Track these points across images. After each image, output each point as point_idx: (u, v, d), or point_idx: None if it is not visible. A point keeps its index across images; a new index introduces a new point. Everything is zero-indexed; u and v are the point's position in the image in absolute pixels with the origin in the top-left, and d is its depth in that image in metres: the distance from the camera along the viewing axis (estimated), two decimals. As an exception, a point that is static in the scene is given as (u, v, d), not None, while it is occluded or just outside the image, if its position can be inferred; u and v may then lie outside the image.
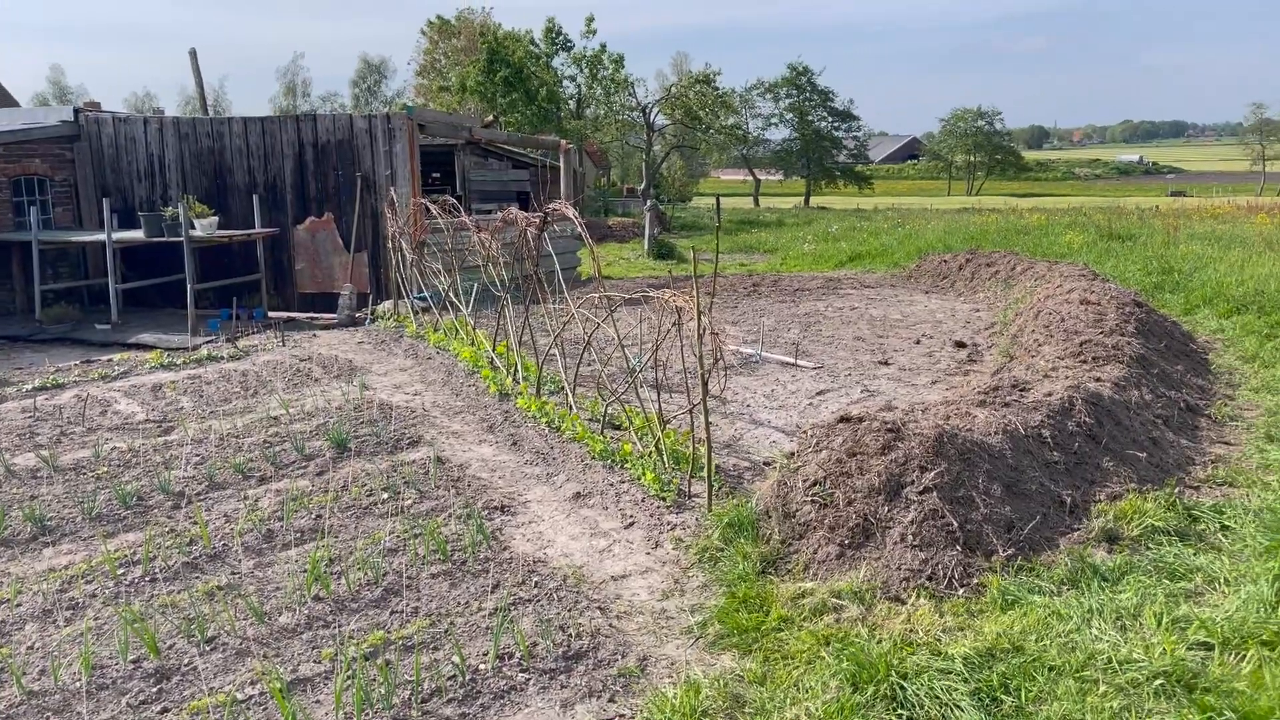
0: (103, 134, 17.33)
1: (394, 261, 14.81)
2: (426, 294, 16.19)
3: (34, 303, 15.60)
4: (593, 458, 7.66)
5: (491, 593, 5.49)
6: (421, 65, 63.04)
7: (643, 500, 6.80)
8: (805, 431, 6.44)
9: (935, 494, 5.48)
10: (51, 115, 17.91)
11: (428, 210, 14.41)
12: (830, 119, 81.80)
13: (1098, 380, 7.46)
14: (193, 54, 20.97)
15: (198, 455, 7.94)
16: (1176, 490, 6.33)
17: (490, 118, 19.95)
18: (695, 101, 39.73)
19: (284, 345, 12.71)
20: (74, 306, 16.10)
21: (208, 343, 13.53)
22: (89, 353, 13.53)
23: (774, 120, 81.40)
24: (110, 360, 12.03)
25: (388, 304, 15.56)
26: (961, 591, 5.07)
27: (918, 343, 12.24)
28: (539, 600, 5.38)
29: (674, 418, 7.84)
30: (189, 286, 14.84)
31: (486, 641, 4.88)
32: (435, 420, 9.04)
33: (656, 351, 7.43)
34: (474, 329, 11.78)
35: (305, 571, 5.67)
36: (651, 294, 7.20)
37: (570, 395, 8.79)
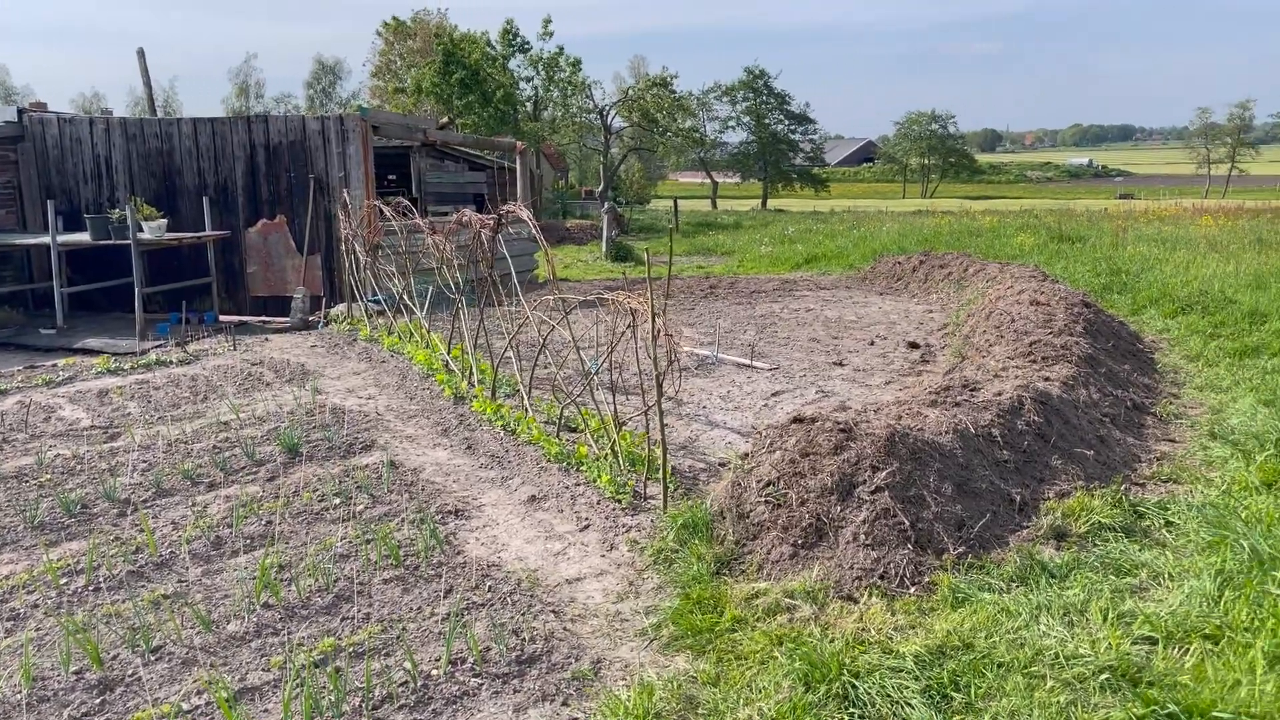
0: (47, 135, 17.01)
1: (347, 264, 14.68)
2: (381, 297, 16.07)
3: (-23, 307, 15.28)
4: (548, 460, 7.63)
5: (445, 598, 5.45)
6: (376, 67, 62.52)
7: (598, 503, 6.78)
8: (759, 432, 6.46)
9: (887, 493, 5.52)
10: (-7, 116, 17.53)
11: (381, 212, 14.31)
12: (787, 122, 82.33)
13: (1047, 379, 7.56)
14: (140, 54, 20.66)
15: (144, 462, 7.80)
16: (1123, 488, 6.43)
17: (445, 119, 19.83)
18: (652, 104, 39.77)
19: (235, 349, 12.54)
20: (17, 311, 15.80)
21: (156, 347, 13.31)
22: (33, 358, 13.26)
23: (731, 123, 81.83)
24: (55, 365, 11.80)
25: (341, 307, 15.41)
26: (913, 590, 5.11)
27: (872, 344, 12.34)
28: (493, 604, 5.35)
29: (630, 420, 7.83)
30: (137, 290, 14.59)
31: (439, 647, 4.84)
32: (389, 424, 8.96)
33: (611, 354, 7.41)
34: (429, 332, 11.70)
35: (255, 579, 5.59)
36: (606, 296, 7.18)
37: (526, 398, 8.75)
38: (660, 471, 7.00)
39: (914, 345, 12.07)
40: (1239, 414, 8.14)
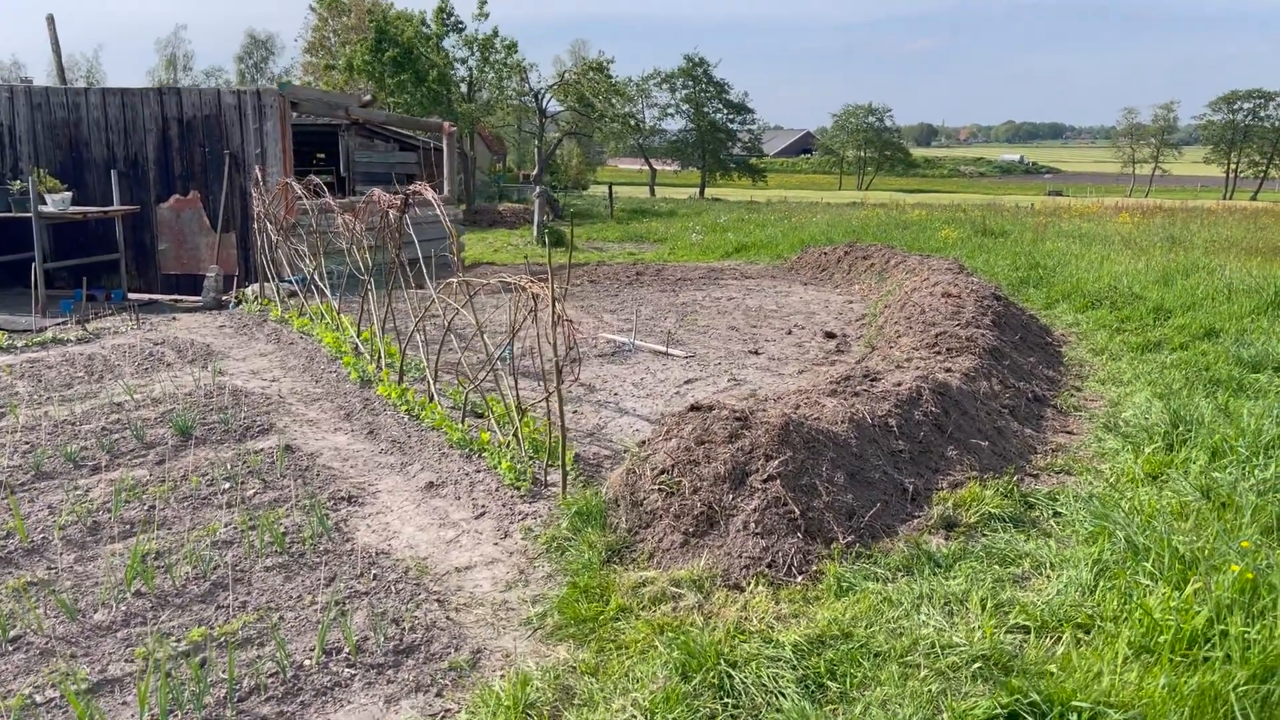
0: (-52, 102, 16.33)
1: (259, 243, 14.32)
2: (295, 278, 15.74)
3: None
4: (450, 447, 7.51)
5: (327, 586, 5.31)
6: (310, 42, 61.35)
7: (497, 490, 6.68)
8: (659, 420, 6.41)
9: (779, 482, 5.50)
10: (-109, 81, 16.78)
11: (293, 191, 13.98)
12: (725, 111, 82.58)
13: (948, 370, 7.62)
14: (50, 20, 19.92)
15: (26, 443, 7.52)
16: (1015, 478, 6.51)
17: (368, 98, 19.46)
18: (588, 88, 39.53)
19: (139, 328, 12.18)
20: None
21: (58, 324, 12.87)
22: (-72, 334, 12.76)
23: (670, 110, 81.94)
24: (-54, 342, 11.36)
25: (255, 287, 15.06)
26: (800, 579, 5.11)
27: (789, 333, 12.38)
28: (376, 593, 5.23)
29: (534, 405, 7.74)
30: (37, 265, 14.09)
31: (316, 636, 4.72)
32: (290, 408, 8.76)
33: (513, 339, 7.30)
34: (339, 314, 11.46)
35: (128, 566, 5.41)
36: (510, 280, 7.07)
37: (431, 383, 8.61)
38: (566, 456, 6.94)
39: (830, 335, 12.13)
40: (1134, 407, 8.30)
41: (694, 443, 5.80)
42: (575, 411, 8.63)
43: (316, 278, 12.33)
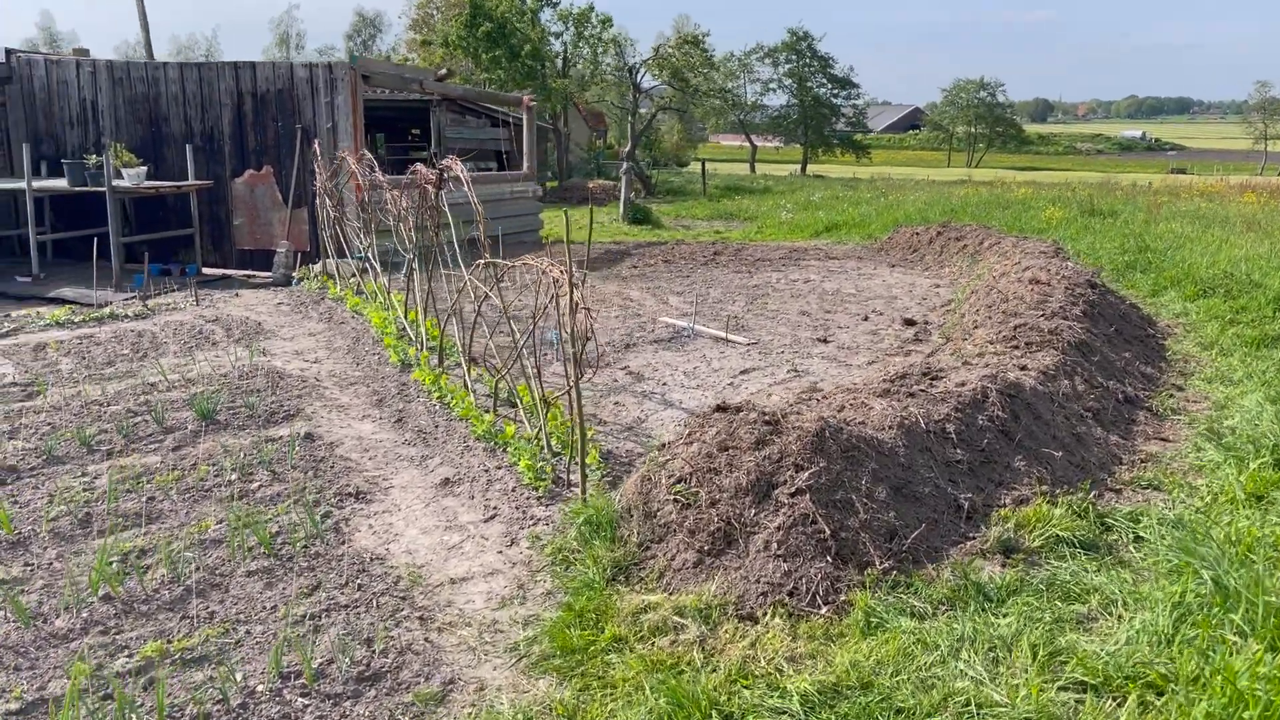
0: (34, 77, 16.56)
1: (321, 219, 14.10)
2: (363, 254, 15.53)
3: (-46, 253, 14.93)
4: (475, 439, 7.04)
5: (308, 595, 4.88)
6: (414, 19, 61.86)
7: (514, 489, 6.18)
8: (686, 420, 5.81)
9: (808, 496, 4.86)
10: (-19, 56, 17.11)
11: (362, 165, 13.71)
12: (829, 86, 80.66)
13: (1023, 368, 6.83)
14: (142, -3, 20.13)
15: (49, 424, 7.31)
16: (1092, 494, 5.72)
17: (444, 71, 19.12)
18: (682, 62, 38.74)
19: (197, 304, 12.06)
20: (-5, 258, 15.42)
21: (125, 299, 12.86)
22: (4, 306, 12.89)
23: (772, 86, 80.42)
24: (9, 315, 11.40)
25: (322, 264, 14.88)
26: (824, 610, 4.47)
27: (865, 319, 11.60)
28: (357, 606, 4.78)
29: (561, 395, 7.20)
30: (113, 239, 14.15)
31: (283, 655, 4.28)
32: (324, 391, 8.41)
33: (535, 326, 6.76)
34: (389, 293, 11.11)
35: (95, 568, 5.08)
36: (532, 262, 6.54)
37: (466, 370, 8.15)
38: (585, 456, 6.41)
39: (910, 322, 11.33)
40: (1243, 412, 7.37)
41: (717, 448, 5.19)
42: (617, 403, 8.08)
43: (370, 255, 12.01)
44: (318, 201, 14.29)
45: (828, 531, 4.77)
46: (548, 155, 38.48)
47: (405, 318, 10.15)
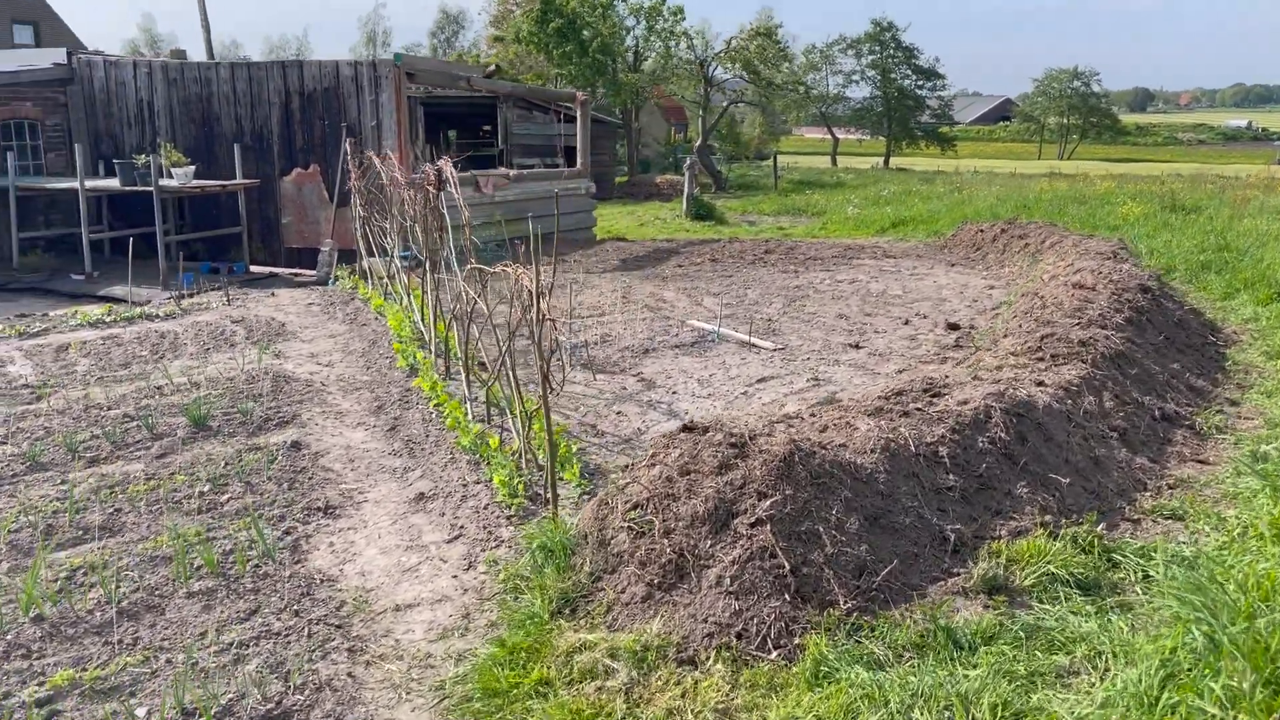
0: (94, 78, 16.87)
1: (352, 217, 14.03)
2: (403, 253, 15.44)
3: (13, 251, 15.26)
4: (461, 450, 6.78)
5: (245, 620, 4.67)
6: (494, 15, 62.17)
7: (486, 506, 5.91)
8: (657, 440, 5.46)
9: (769, 527, 4.48)
10: (45, 57, 17.50)
11: (406, 163, 13.60)
12: (914, 77, 78.94)
13: (1039, 384, 6.30)
14: (203, -3, 20.41)
15: (44, 428, 7.27)
16: (1100, 526, 5.22)
17: (492, 67, 18.96)
18: (755, 55, 38.08)
19: (228, 304, 12.07)
20: (50, 255, 15.72)
21: (171, 297, 12.96)
22: (56, 303, 13.13)
23: (855, 77, 79.00)
24: (47, 314, 11.55)
25: (368, 262, 14.83)
26: (774, 655, 4.10)
27: (906, 323, 11.07)
28: (289, 634, 4.55)
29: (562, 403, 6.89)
30: (159, 238, 14.32)
31: (199, 688, 4.07)
32: (327, 396, 8.26)
33: (513, 336, 6.46)
34: (409, 294, 10.94)
35: (52, 582, 4.95)
36: (499, 268, 6.24)
37: (465, 376, 7.90)
38: (561, 473, 6.12)
39: (954, 327, 10.77)
40: (1294, 433, 6.73)
41: (678, 472, 4.84)
42: (619, 412, 7.76)
43: (394, 255, 11.86)
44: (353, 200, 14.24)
45: (787, 566, 4.39)
46: (616, 151, 38.23)
47: (422, 321, 9.96)
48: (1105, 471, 5.83)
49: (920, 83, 79.28)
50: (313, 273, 15.25)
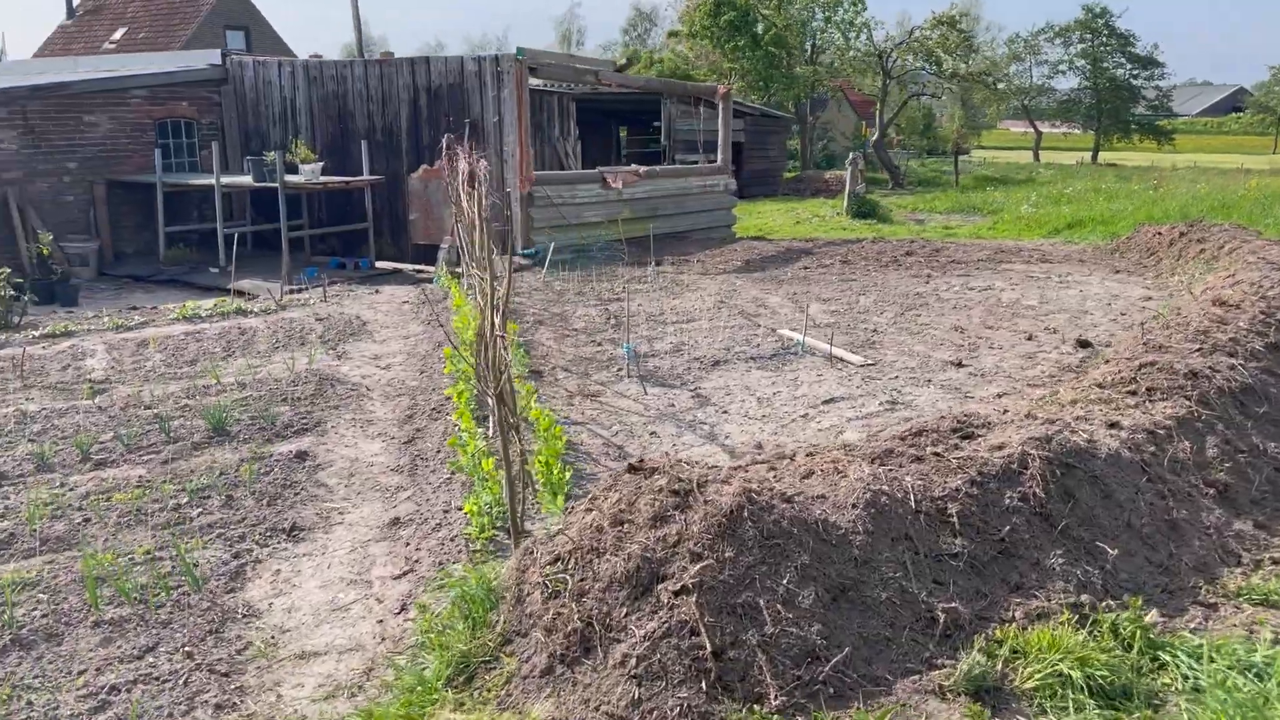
0: (245, 78, 17.40)
1: (451, 214, 13.78)
2: (525, 251, 15.16)
3: (160, 245, 15.89)
4: (458, 470, 6.26)
5: (136, 659, 4.28)
6: (682, 11, 62.02)
7: (455, 538, 5.35)
8: (742, 454, 4.74)
9: (695, 597, 3.72)
10: (201, 59, 18.20)
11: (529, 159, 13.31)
12: (1129, 66, 73.65)
13: (1112, 425, 5.18)
14: (357, -2, 20.82)
15: (75, 426, 7.23)
16: (1149, 611, 4.15)
17: (624, 61, 18.47)
18: (938, 44, 36.11)
19: (324, 301, 12.03)
20: (195, 249, 16.28)
21: (289, 291, 13.08)
22: (191, 295, 13.49)
23: (1062, 67, 74.47)
24: (155, 307, 11.84)
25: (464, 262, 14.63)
26: (667, 761, 3.34)
27: (1029, 338, 9.83)
28: (168, 680, 4.12)
29: (584, 419, 6.27)
30: (283, 233, 14.57)
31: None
32: (365, 402, 7.93)
33: (491, 344, 5.85)
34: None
35: (-21, 598, 4.73)
36: (475, 271, 5.65)
37: (480, 387, 7.35)
38: (553, 502, 5.50)
39: (1084, 345, 9.48)
40: None
41: (609, 522, 4.12)
42: (654, 432, 7.06)
43: (464, 253, 11.47)
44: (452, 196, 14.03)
45: (708, 648, 3.61)
46: (786, 146, 37.12)
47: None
48: (1183, 539, 4.71)
49: (1135, 72, 73.97)
50: (433, 269, 15.18)
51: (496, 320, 4.91)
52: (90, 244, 15.50)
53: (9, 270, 10.96)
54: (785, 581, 3.85)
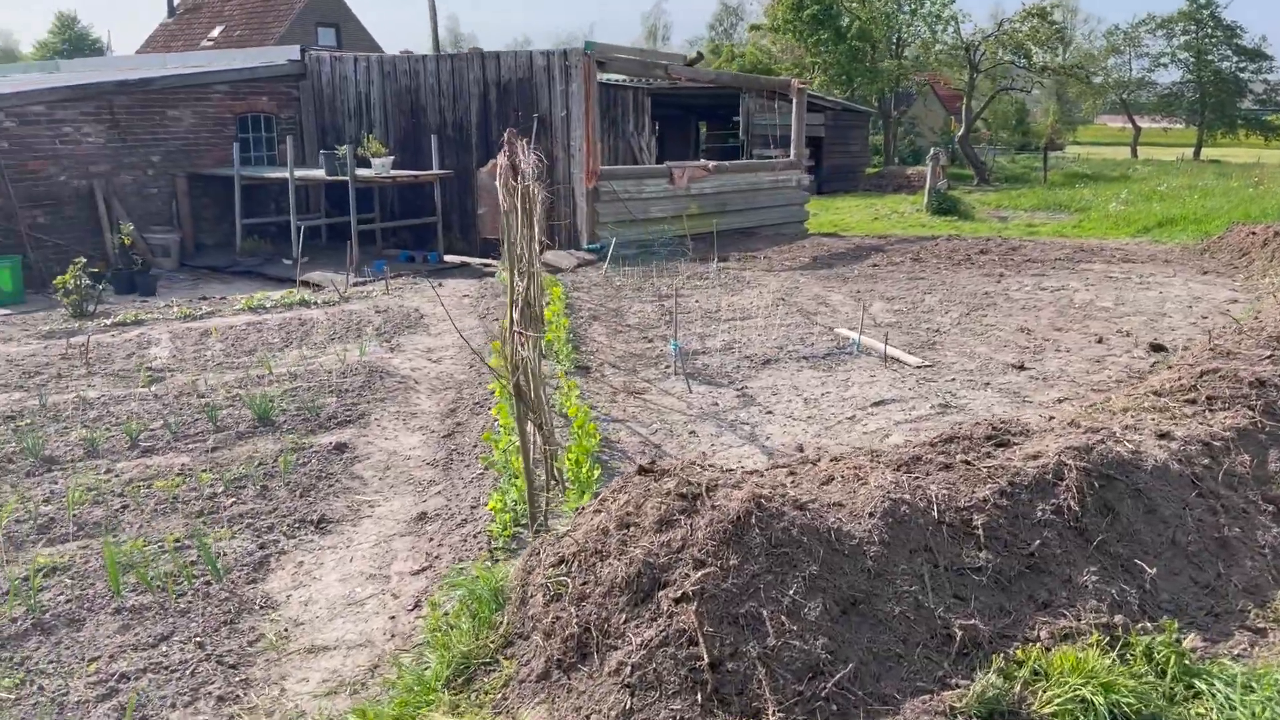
0: (321, 73, 17.69)
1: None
2: (589, 246, 15.13)
3: (236, 237, 16.25)
4: (490, 466, 6.21)
5: (150, 647, 4.32)
6: (768, 5, 61.55)
7: (477, 535, 5.31)
8: (781, 455, 4.63)
9: (695, 605, 3.60)
10: (281, 55, 18.54)
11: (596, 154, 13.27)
12: (1235, 59, 70.83)
13: (1163, 436, 4.89)
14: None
15: (129, 412, 7.38)
16: (1188, 635, 3.89)
17: (694, 55, 18.29)
18: (1028, 35, 35.11)
19: (386, 293, 12.14)
20: (271, 241, 16.58)
21: (363, 283, 13.23)
22: (264, 286, 13.74)
23: (1164, 61, 71.96)
24: (224, 298, 12.08)
25: (550, 255, 14.63)
26: (654, 775, 3.23)
27: (1100, 341, 9.43)
28: (174, 671, 4.15)
29: (612, 415, 6.18)
30: (352, 226, 14.77)
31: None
32: (411, 395, 7.95)
33: (513, 338, 5.78)
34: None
35: (15, 581, 4.83)
36: (497, 267, 5.59)
37: (516, 380, 7.29)
38: (539, 518, 5.40)
39: (1157, 348, 9.07)
40: None
41: (616, 525, 4.02)
42: (693, 431, 6.93)
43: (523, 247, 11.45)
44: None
45: (706, 658, 3.49)
46: (868, 141, 36.51)
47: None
48: (1234, 559, 4.42)
49: (1242, 64, 71.13)
50: (498, 264, 15.25)
51: (515, 315, 4.84)
52: (172, 235, 15.91)
53: (84, 260, 11.27)
54: (791, 592, 3.69)
